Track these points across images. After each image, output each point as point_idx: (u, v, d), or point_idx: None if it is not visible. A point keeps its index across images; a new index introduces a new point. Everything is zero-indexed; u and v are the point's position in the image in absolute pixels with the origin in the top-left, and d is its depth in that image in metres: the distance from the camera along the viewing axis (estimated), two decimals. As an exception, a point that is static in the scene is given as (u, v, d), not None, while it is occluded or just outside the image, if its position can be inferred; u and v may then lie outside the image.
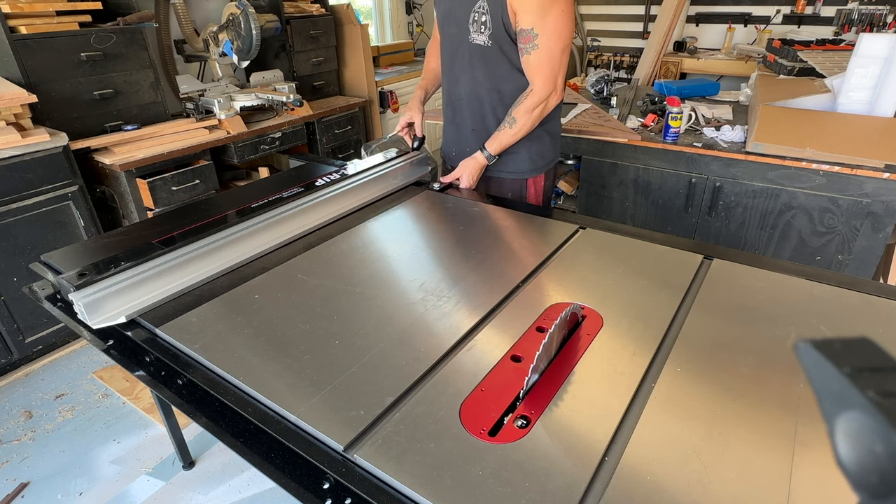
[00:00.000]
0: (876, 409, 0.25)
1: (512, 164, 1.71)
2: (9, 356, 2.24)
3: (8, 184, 2.06)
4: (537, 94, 1.51)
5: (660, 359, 0.93)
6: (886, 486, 0.25)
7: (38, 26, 2.21)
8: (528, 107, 1.53)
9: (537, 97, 1.52)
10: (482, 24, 1.51)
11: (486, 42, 1.53)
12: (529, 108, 1.53)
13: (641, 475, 0.71)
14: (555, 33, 1.43)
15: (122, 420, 2.05)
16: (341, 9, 3.61)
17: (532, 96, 1.52)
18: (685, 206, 2.35)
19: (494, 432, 0.78)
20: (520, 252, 1.30)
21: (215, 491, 1.74)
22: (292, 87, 3.11)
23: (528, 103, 1.53)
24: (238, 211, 1.40)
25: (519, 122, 1.56)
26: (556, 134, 1.76)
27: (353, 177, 1.59)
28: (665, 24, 4.57)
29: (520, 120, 1.55)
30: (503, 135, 1.59)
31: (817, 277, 1.14)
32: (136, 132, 2.52)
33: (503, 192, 1.77)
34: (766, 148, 2.04)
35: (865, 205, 1.96)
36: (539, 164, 1.73)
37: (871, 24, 4.05)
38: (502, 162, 1.69)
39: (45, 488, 1.78)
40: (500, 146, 1.61)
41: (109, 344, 1.02)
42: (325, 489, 0.71)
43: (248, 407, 0.85)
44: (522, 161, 1.71)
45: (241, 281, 1.19)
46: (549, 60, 1.46)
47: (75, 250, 1.30)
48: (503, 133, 1.59)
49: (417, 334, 0.99)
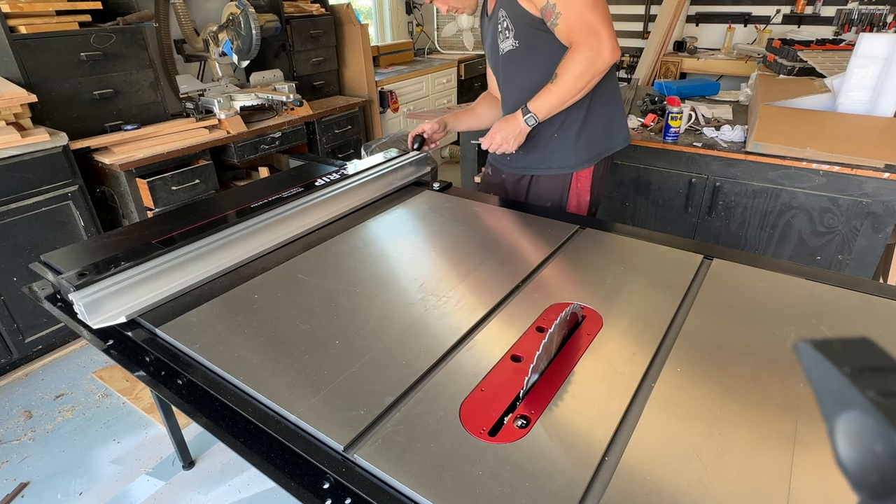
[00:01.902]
0: (876, 409, 0.25)
1: (550, 157, 1.54)
2: (9, 356, 2.24)
3: (8, 184, 2.06)
4: (576, 49, 1.33)
5: (660, 359, 0.93)
6: (886, 486, 0.25)
7: (37, 26, 2.21)
8: (570, 61, 1.34)
9: (578, 52, 1.33)
10: (506, 29, 1.46)
11: (514, 44, 1.47)
12: (572, 62, 1.34)
13: (641, 475, 0.71)
14: None
15: (122, 420, 2.05)
16: (341, 8, 3.61)
17: (571, 52, 1.35)
18: (685, 206, 2.34)
19: (494, 432, 0.78)
20: (520, 252, 1.30)
21: (215, 491, 1.74)
22: (292, 87, 3.11)
23: (568, 58, 1.35)
24: (238, 211, 1.40)
25: (560, 78, 1.36)
26: (613, 113, 1.54)
27: (352, 177, 1.59)
28: (665, 23, 4.57)
29: (561, 76, 1.36)
30: (544, 92, 1.40)
31: (817, 277, 1.14)
32: (136, 132, 2.52)
33: (540, 194, 1.63)
34: (766, 148, 2.04)
35: (865, 205, 1.96)
36: (585, 156, 1.53)
37: (871, 24, 4.05)
38: (539, 156, 1.57)
39: (45, 488, 1.78)
40: (542, 105, 1.41)
41: (109, 344, 1.02)
42: (325, 489, 0.71)
43: (248, 407, 0.85)
44: (566, 150, 1.51)
45: (241, 281, 1.19)
46: (579, 17, 1.30)
47: (75, 250, 1.30)
48: (545, 91, 1.40)
49: (417, 334, 0.99)
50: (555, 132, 1.55)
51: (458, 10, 1.53)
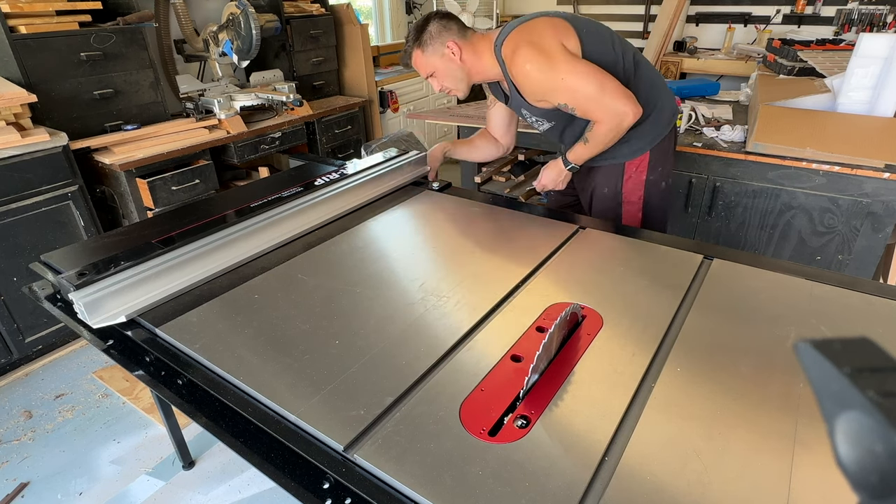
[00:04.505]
0: (876, 409, 0.25)
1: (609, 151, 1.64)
2: (9, 356, 2.24)
3: (8, 184, 2.06)
4: (600, 123, 1.49)
5: (660, 359, 0.93)
6: (886, 486, 0.25)
7: (37, 26, 2.21)
8: (596, 131, 1.51)
9: (601, 125, 1.49)
10: (537, 120, 1.64)
11: (550, 125, 1.64)
12: (602, 133, 1.51)
13: (641, 475, 0.71)
14: (575, 88, 1.42)
15: (122, 420, 2.05)
16: (341, 9, 3.61)
17: (596, 125, 1.50)
18: (685, 206, 2.34)
19: (494, 432, 0.78)
20: (520, 252, 1.30)
21: (215, 491, 1.74)
22: (292, 87, 3.11)
23: (595, 128, 1.51)
24: (238, 211, 1.40)
25: (591, 142, 1.54)
26: (659, 113, 1.63)
27: (352, 176, 1.59)
28: (665, 23, 4.57)
29: (592, 140, 1.54)
30: (579, 147, 1.57)
31: (817, 277, 1.14)
32: (136, 132, 2.52)
33: (597, 185, 1.74)
34: (766, 148, 2.04)
35: (865, 205, 1.96)
36: (636, 146, 1.63)
37: (871, 24, 4.05)
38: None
39: (45, 488, 1.78)
40: (579, 157, 1.60)
41: (109, 344, 1.02)
42: (325, 489, 0.71)
43: (248, 407, 0.85)
44: (616, 147, 1.62)
45: (240, 281, 1.19)
46: (591, 104, 1.45)
47: (75, 250, 1.30)
48: (579, 146, 1.57)
49: (417, 334, 0.99)
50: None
51: (450, 91, 1.60)
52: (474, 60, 1.53)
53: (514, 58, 1.45)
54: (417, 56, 1.53)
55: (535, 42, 1.43)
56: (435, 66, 1.54)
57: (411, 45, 1.53)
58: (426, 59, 1.53)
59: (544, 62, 1.41)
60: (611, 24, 5.18)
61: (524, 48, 1.43)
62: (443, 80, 1.56)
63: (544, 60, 1.41)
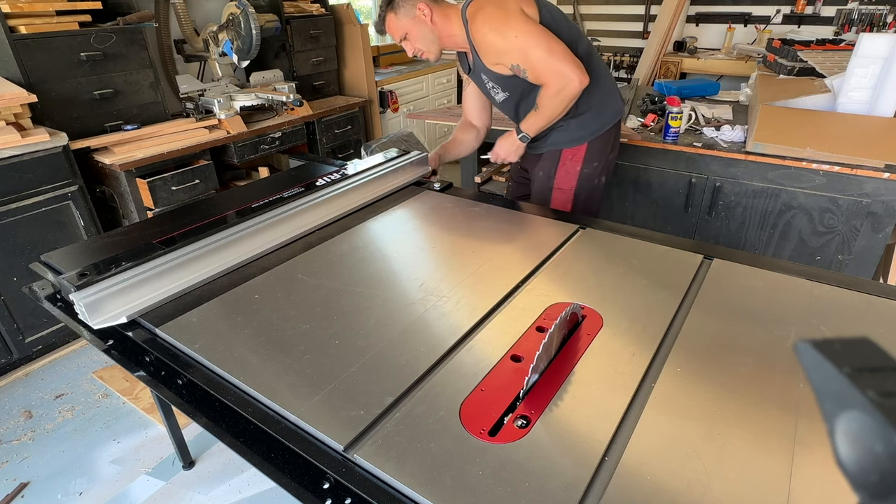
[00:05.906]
0: (876, 409, 0.25)
1: (545, 141, 1.76)
2: (9, 356, 2.24)
3: (8, 184, 2.06)
4: (548, 86, 1.56)
5: (659, 359, 0.93)
6: (886, 486, 0.25)
7: (37, 26, 2.21)
8: (545, 95, 1.58)
9: (549, 88, 1.56)
10: (494, 87, 1.72)
11: (506, 95, 1.71)
12: (547, 96, 1.58)
13: (641, 475, 0.71)
14: (526, 48, 1.50)
15: (122, 420, 2.05)
16: (341, 8, 3.61)
17: (544, 88, 1.57)
18: (685, 206, 2.34)
19: (494, 432, 0.78)
20: (520, 252, 1.30)
21: (215, 491, 1.74)
22: (292, 87, 3.11)
23: (543, 93, 1.59)
24: (238, 211, 1.40)
25: (541, 108, 1.61)
26: (602, 106, 1.74)
27: (353, 177, 1.59)
28: (665, 23, 4.57)
29: (541, 107, 1.61)
30: (531, 116, 1.65)
31: (817, 277, 1.14)
32: (136, 132, 2.52)
33: (538, 168, 1.83)
34: (766, 148, 2.04)
35: (865, 205, 1.96)
36: (576, 134, 1.73)
37: (871, 24, 4.05)
38: (539, 143, 1.79)
39: (45, 488, 1.78)
40: (531, 126, 1.66)
41: (109, 344, 1.02)
42: (325, 489, 0.71)
43: (248, 407, 0.85)
44: (556, 134, 1.74)
45: (241, 281, 1.19)
46: (541, 66, 1.52)
47: (75, 250, 1.30)
48: (531, 115, 1.65)
49: (417, 334, 0.99)
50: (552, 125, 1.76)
51: (423, 53, 1.67)
52: (444, 23, 1.60)
53: (474, 17, 1.54)
54: (391, 19, 1.60)
55: (496, 2, 1.53)
56: (407, 28, 1.61)
57: (384, 10, 1.60)
58: (398, 21, 1.60)
59: (500, 20, 1.51)
60: (611, 24, 5.19)
61: (485, 8, 1.53)
62: (415, 41, 1.63)
63: (500, 18, 1.51)
